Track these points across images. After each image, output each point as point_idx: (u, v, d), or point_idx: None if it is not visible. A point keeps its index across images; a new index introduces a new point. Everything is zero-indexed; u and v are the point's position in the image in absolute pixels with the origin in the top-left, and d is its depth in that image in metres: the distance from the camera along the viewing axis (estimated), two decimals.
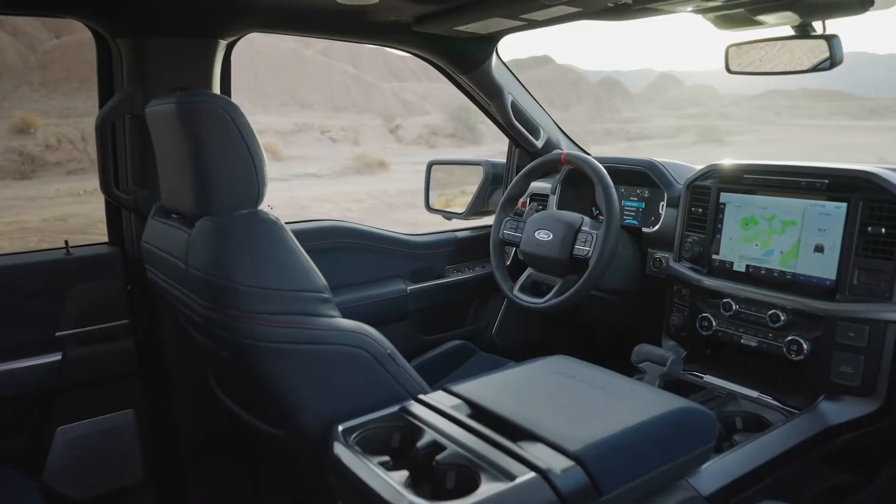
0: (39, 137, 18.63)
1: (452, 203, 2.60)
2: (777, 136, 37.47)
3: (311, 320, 1.10)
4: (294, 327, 1.08)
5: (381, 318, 1.96)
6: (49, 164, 17.77)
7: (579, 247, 1.70)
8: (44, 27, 23.31)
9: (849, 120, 51.43)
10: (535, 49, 45.54)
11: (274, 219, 1.11)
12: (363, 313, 1.93)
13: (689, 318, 1.67)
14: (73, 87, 21.19)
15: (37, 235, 10.39)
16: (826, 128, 42.05)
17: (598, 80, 60.60)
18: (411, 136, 32.20)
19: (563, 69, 60.15)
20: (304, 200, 14.26)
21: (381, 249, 1.98)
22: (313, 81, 40.52)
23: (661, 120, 50.46)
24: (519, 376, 1.24)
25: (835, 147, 27.19)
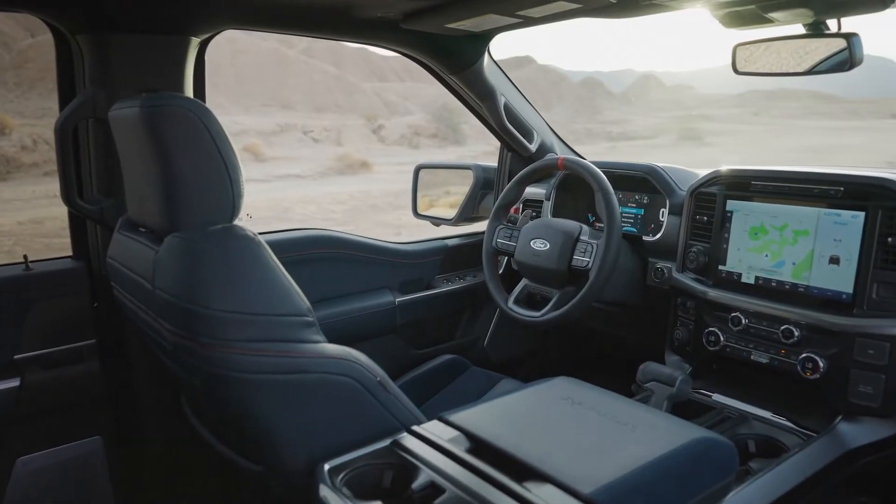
0: (15, 138, 18.25)
1: (437, 203, 2.52)
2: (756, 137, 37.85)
3: (293, 347, 1.00)
4: (274, 356, 0.98)
5: (369, 333, 1.86)
6: (25, 166, 17.42)
7: (578, 257, 1.61)
8: (18, 26, 22.88)
9: (827, 120, 52.15)
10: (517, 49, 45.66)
11: (251, 235, 1.00)
12: (349, 328, 1.83)
13: (694, 332, 1.58)
14: (48, 87, 20.77)
15: (10, 239, 10.13)
16: (805, 128, 42.59)
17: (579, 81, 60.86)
18: (394, 137, 32.05)
19: (545, 69, 60.31)
20: (287, 202, 14.09)
21: (367, 259, 1.88)
22: (295, 81, 40.22)
23: (642, 120, 50.80)
24: (520, 403, 1.14)
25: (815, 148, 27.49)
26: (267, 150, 24.71)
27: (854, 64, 1.21)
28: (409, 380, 1.84)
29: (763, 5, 1.29)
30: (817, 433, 1.31)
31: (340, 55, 46.44)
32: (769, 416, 1.39)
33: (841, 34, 1.23)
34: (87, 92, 1.34)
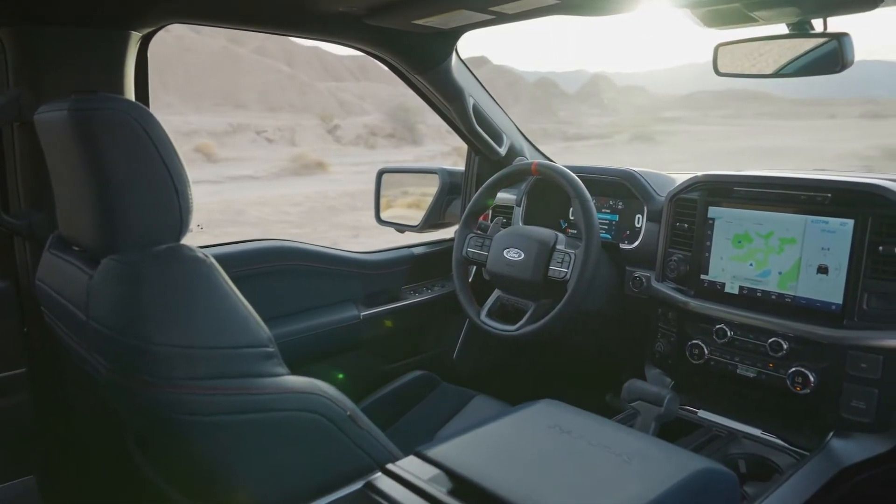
0: None
1: (395, 204, 2.42)
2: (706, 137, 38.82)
3: (252, 383, 0.88)
4: (231, 394, 0.86)
5: (332, 350, 1.74)
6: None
7: (555, 268, 1.53)
8: None
9: (773, 120, 53.86)
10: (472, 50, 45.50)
11: (201, 256, 0.88)
12: (311, 345, 1.71)
13: (676, 344, 1.52)
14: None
15: None
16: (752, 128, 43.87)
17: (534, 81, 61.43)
18: (350, 137, 31.67)
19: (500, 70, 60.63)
20: (240, 204, 13.70)
21: (328, 271, 1.76)
22: (247, 81, 39.43)
23: (596, 120, 51.55)
24: (504, 433, 1.04)
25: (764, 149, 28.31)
26: (219, 150, 24.09)
27: (845, 65, 1.16)
28: (377, 399, 1.73)
29: (748, 3, 1.23)
30: (809, 451, 1.26)
31: (293, 54, 45.75)
32: (759, 433, 1.34)
33: (831, 34, 1.18)
34: (12, 92, 1.19)
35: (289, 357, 1.64)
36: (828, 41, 1.17)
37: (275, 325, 1.61)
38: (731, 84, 74.58)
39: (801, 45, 1.24)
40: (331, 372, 1.75)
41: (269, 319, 1.63)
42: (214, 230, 10.97)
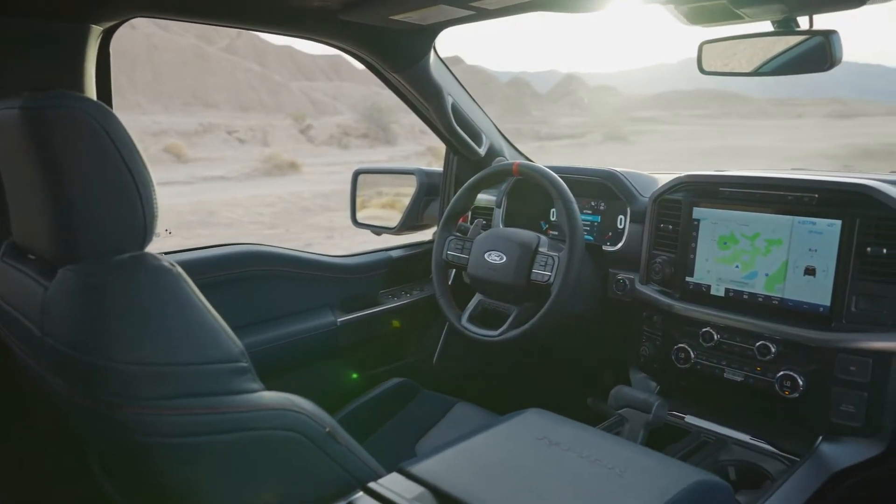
0: None
1: (369, 205, 2.37)
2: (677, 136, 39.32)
3: (224, 401, 0.82)
4: (201, 414, 0.80)
5: (309, 358, 1.68)
6: None
7: (538, 271, 1.49)
8: None
9: (741, 120, 54.78)
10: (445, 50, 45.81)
11: (167, 265, 0.82)
12: (286, 354, 1.65)
13: (661, 348, 1.49)
14: None
15: None
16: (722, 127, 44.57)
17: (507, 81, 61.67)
18: (323, 137, 31.44)
19: (474, 70, 60.74)
20: (212, 205, 13.47)
21: (304, 276, 1.70)
22: (218, 80, 38.92)
23: (568, 119, 51.93)
24: (490, 446, 1.00)
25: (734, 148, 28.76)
26: (189, 150, 23.71)
27: (833, 63, 1.14)
28: (355, 407, 1.67)
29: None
30: (799, 456, 1.24)
31: (265, 53, 45.27)
32: (748, 439, 1.31)
33: (819, 31, 1.15)
34: None
35: (264, 366, 1.58)
36: (815, 39, 1.15)
37: (248, 334, 1.55)
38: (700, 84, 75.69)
39: (788, 43, 1.22)
40: (307, 381, 1.69)
41: (242, 327, 1.57)
42: (186, 232, 10.77)
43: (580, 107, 62.14)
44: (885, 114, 62.29)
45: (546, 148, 28.61)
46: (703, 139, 35.58)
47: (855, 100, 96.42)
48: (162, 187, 0.92)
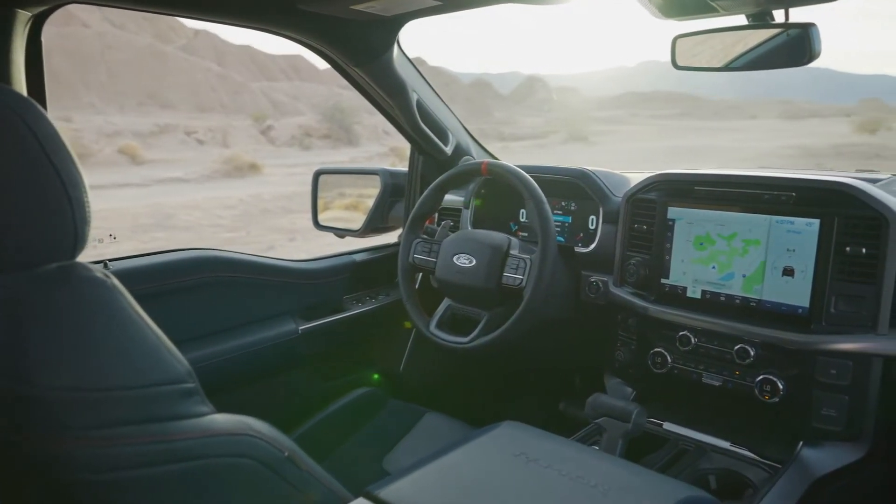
0: None
1: (332, 206, 2.29)
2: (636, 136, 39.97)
3: (170, 428, 0.73)
4: (144, 443, 0.71)
5: (268, 369, 1.59)
6: None
7: (509, 274, 1.43)
8: None
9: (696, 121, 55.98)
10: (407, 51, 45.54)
11: (100, 277, 0.73)
12: (246, 364, 1.55)
13: (637, 352, 1.44)
14: None
15: None
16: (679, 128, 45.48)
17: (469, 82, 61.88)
18: (284, 138, 31.00)
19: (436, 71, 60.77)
20: (169, 208, 13.12)
21: (262, 282, 1.60)
22: (175, 80, 38.07)
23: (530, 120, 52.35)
24: (463, 464, 0.93)
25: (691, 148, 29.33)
26: (145, 152, 23.10)
27: (812, 57, 1.10)
28: (319, 420, 1.59)
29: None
30: (780, 463, 1.20)
31: (223, 52, 44.50)
32: (728, 446, 1.27)
33: (797, 24, 1.12)
34: None
35: (220, 380, 1.49)
36: (793, 32, 1.11)
37: (201, 346, 1.45)
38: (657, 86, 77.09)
39: (764, 37, 1.18)
40: (267, 394, 1.60)
41: (195, 339, 1.47)
42: (142, 235, 10.44)
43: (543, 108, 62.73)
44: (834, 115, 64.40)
45: (509, 148, 28.71)
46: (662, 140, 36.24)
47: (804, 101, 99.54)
48: (116, 189, 0.83)
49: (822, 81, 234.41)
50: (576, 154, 29.91)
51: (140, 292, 1.36)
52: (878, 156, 25.86)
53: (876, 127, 40.98)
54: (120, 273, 1.34)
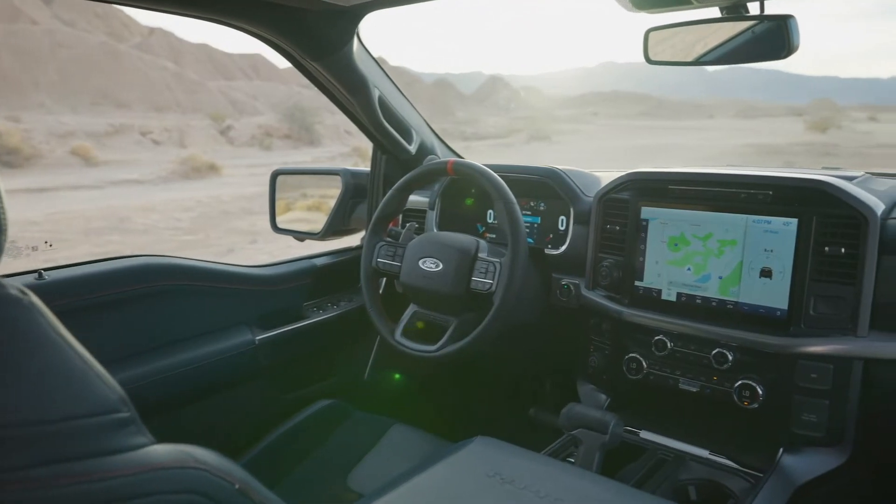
0: None
1: (294, 207, 2.19)
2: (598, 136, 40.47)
3: (102, 464, 0.63)
4: (72, 483, 0.61)
5: (223, 382, 1.49)
6: None
7: (478, 278, 1.36)
8: None
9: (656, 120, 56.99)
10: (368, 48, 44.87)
11: (16, 295, 0.63)
12: (198, 378, 1.45)
13: (611, 357, 1.39)
14: None
15: None
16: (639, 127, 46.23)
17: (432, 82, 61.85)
18: (244, 138, 30.48)
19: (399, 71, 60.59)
20: (124, 210, 12.73)
21: (216, 290, 1.50)
22: (129, 79, 37.11)
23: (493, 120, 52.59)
24: (436, 487, 0.86)
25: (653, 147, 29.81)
26: (99, 153, 22.44)
27: (791, 50, 1.06)
28: (280, 434, 1.50)
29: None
30: (761, 471, 1.16)
31: (180, 51, 43.57)
32: (707, 454, 1.23)
33: (774, 16, 1.08)
34: None
35: (171, 396, 1.38)
36: (771, 24, 1.07)
37: (149, 360, 1.35)
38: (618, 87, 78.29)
39: (740, 29, 1.14)
40: (222, 409, 1.50)
41: (142, 353, 1.37)
42: (96, 239, 10.09)
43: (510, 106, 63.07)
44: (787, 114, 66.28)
45: (473, 148, 28.76)
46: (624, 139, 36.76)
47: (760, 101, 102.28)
48: (68, 192, 0.73)
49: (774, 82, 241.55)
50: (539, 154, 30.13)
51: (79, 304, 1.25)
52: (828, 154, 26.68)
53: (826, 126, 42.38)
54: (57, 283, 1.23)
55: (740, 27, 1.14)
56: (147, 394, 1.31)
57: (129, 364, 1.31)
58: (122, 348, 1.31)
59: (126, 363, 1.30)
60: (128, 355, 1.32)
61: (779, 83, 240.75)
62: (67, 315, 0.68)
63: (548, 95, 72.66)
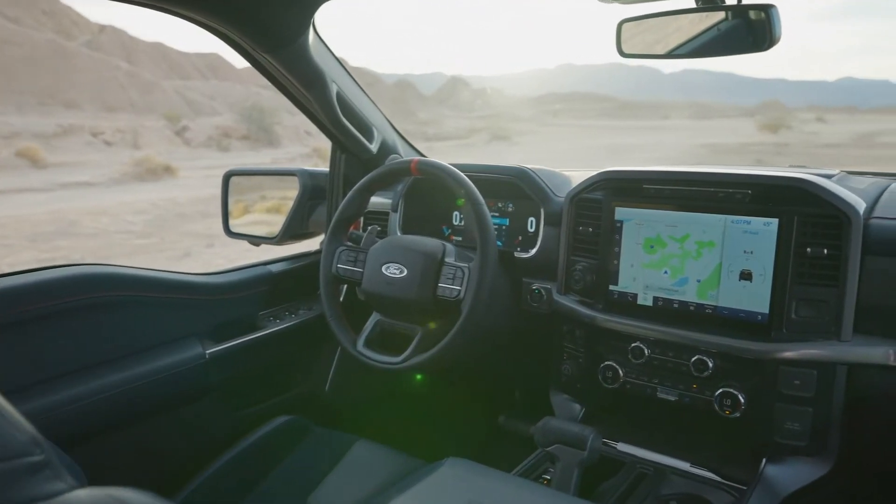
0: None
1: (252, 210, 2.08)
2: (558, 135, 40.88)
3: None
4: None
5: (172, 401, 1.38)
6: None
7: (446, 285, 1.28)
8: None
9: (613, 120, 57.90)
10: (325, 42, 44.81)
11: None
12: (144, 397, 1.33)
13: (585, 366, 1.32)
14: None
15: None
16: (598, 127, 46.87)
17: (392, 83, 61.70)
18: (200, 139, 29.82)
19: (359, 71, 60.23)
20: (74, 214, 12.26)
21: (163, 301, 1.39)
22: (80, 78, 35.98)
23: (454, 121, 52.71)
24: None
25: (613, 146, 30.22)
26: (48, 154, 21.65)
27: (773, 41, 1.01)
28: (234, 455, 1.39)
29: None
30: (744, 483, 1.11)
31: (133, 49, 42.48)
32: (688, 467, 1.17)
33: (756, 5, 1.02)
34: None
35: (112, 417, 1.27)
36: (752, 14, 1.02)
37: (88, 379, 1.23)
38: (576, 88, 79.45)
39: (717, 20, 1.08)
40: (170, 430, 1.38)
41: (80, 372, 1.25)
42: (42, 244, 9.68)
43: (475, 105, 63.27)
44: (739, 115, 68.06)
45: (434, 149, 28.63)
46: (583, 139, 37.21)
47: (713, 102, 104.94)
48: (14, 195, 0.62)
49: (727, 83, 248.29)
50: (500, 154, 30.28)
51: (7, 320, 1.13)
52: (779, 153, 27.46)
53: (777, 126, 43.70)
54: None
55: (718, 18, 1.08)
56: (83, 418, 1.20)
57: (62, 386, 1.19)
58: (55, 368, 1.19)
59: (58, 385, 1.18)
60: (61, 375, 1.20)
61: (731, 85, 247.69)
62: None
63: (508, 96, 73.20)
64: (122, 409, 1.28)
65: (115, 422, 1.27)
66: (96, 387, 1.23)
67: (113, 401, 1.26)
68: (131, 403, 1.30)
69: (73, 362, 1.23)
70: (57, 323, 1.19)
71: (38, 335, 1.16)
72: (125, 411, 1.29)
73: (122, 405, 1.28)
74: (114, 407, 1.26)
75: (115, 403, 1.26)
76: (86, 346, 1.25)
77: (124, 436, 1.31)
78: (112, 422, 1.27)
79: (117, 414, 1.27)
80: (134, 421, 1.32)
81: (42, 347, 1.19)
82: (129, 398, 1.29)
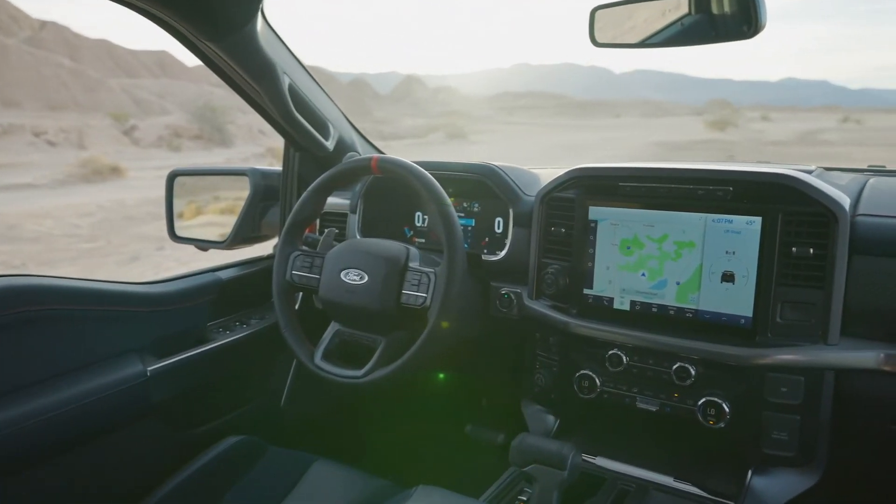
0: None
1: (205, 211, 1.95)
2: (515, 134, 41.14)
3: None
4: None
5: (109, 424, 1.25)
6: None
7: (410, 291, 1.19)
8: None
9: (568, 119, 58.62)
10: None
11: None
12: (76, 422, 1.19)
13: (560, 375, 1.25)
14: None
15: None
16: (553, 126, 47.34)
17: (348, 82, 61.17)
18: (150, 139, 28.98)
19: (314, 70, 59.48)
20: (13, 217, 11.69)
21: (99, 314, 1.26)
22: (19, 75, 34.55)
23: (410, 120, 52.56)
24: None
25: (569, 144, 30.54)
26: None
27: (758, 29, 0.95)
28: (181, 481, 1.27)
29: None
30: (730, 498, 1.05)
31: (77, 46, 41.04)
32: (671, 482, 1.11)
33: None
34: None
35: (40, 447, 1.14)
36: (736, 2, 0.96)
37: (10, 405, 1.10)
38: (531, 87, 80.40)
39: (698, 7, 1.02)
40: (109, 456, 1.26)
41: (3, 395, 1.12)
42: None
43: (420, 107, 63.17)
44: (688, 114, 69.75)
45: (391, 147, 28.41)
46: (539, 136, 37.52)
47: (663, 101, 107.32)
48: None
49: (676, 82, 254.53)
50: (458, 152, 30.32)
51: None
52: (729, 151, 28.19)
53: (725, 124, 44.99)
54: None
55: (696, 4, 1.02)
56: (8, 447, 1.06)
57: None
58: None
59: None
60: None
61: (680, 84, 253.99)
62: None
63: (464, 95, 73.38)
64: (53, 436, 1.15)
65: (45, 451, 1.14)
66: (22, 412, 1.10)
67: (42, 427, 1.12)
68: (64, 429, 1.17)
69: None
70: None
71: None
72: (57, 438, 1.15)
73: (53, 431, 1.15)
74: (43, 434, 1.13)
75: (45, 430, 1.13)
76: (8, 368, 1.11)
77: (57, 465, 1.17)
78: (42, 451, 1.14)
79: (48, 441, 1.14)
80: (67, 448, 1.19)
81: None
82: (61, 423, 1.16)
